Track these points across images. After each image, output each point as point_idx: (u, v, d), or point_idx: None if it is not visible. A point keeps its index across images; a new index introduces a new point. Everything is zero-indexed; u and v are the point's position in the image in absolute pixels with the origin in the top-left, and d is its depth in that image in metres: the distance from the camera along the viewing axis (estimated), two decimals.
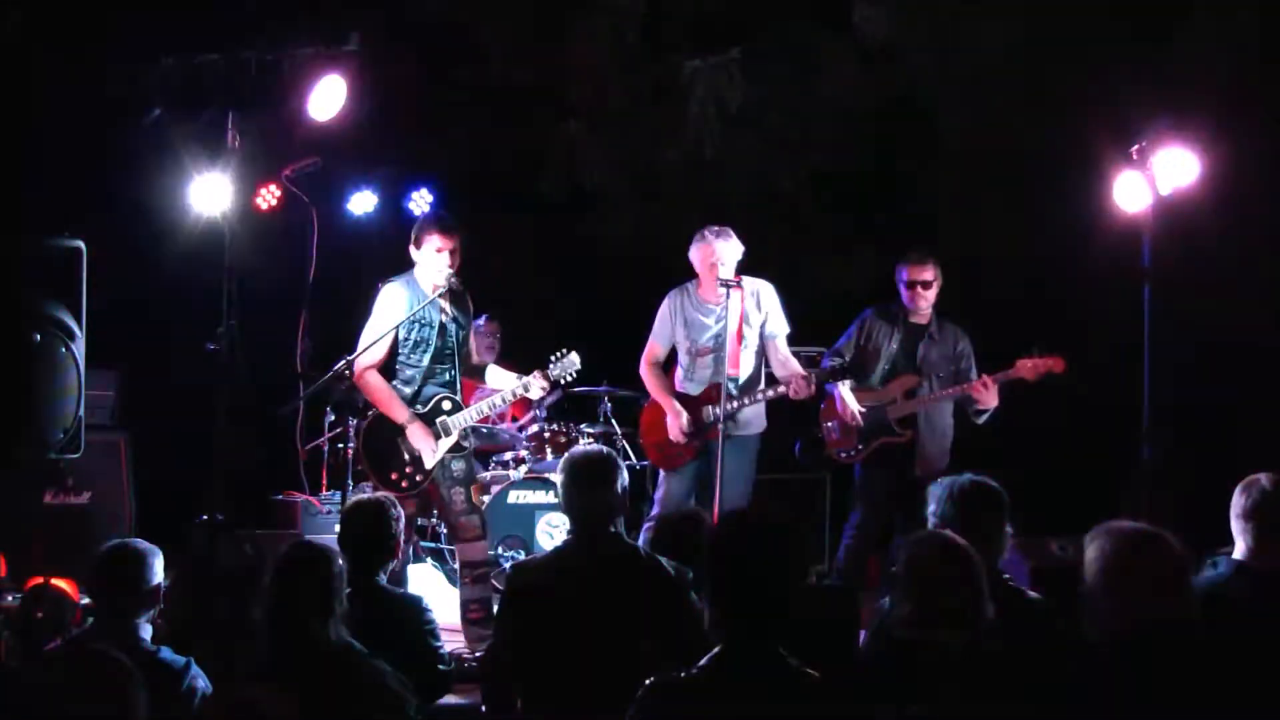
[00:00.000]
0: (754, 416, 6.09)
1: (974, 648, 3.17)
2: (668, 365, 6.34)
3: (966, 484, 3.89)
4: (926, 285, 6.27)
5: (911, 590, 3.23)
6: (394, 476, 5.69)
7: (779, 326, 6.17)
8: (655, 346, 6.25)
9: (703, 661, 2.88)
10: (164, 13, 6.56)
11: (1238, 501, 3.89)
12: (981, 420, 6.24)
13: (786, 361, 6.10)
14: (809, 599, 4.33)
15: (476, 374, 6.07)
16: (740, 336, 6.05)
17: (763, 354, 6.16)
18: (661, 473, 6.25)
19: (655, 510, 6.13)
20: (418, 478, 5.70)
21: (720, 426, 5.76)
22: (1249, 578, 3.80)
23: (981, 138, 7.79)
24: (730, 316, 5.95)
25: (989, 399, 6.12)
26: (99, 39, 6.41)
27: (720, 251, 5.99)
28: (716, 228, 6.08)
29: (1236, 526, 3.89)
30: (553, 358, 5.72)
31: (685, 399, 6.13)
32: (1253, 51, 6.71)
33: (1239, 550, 3.88)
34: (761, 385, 6.09)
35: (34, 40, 6.34)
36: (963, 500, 3.85)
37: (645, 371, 6.25)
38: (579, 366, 5.73)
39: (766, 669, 2.85)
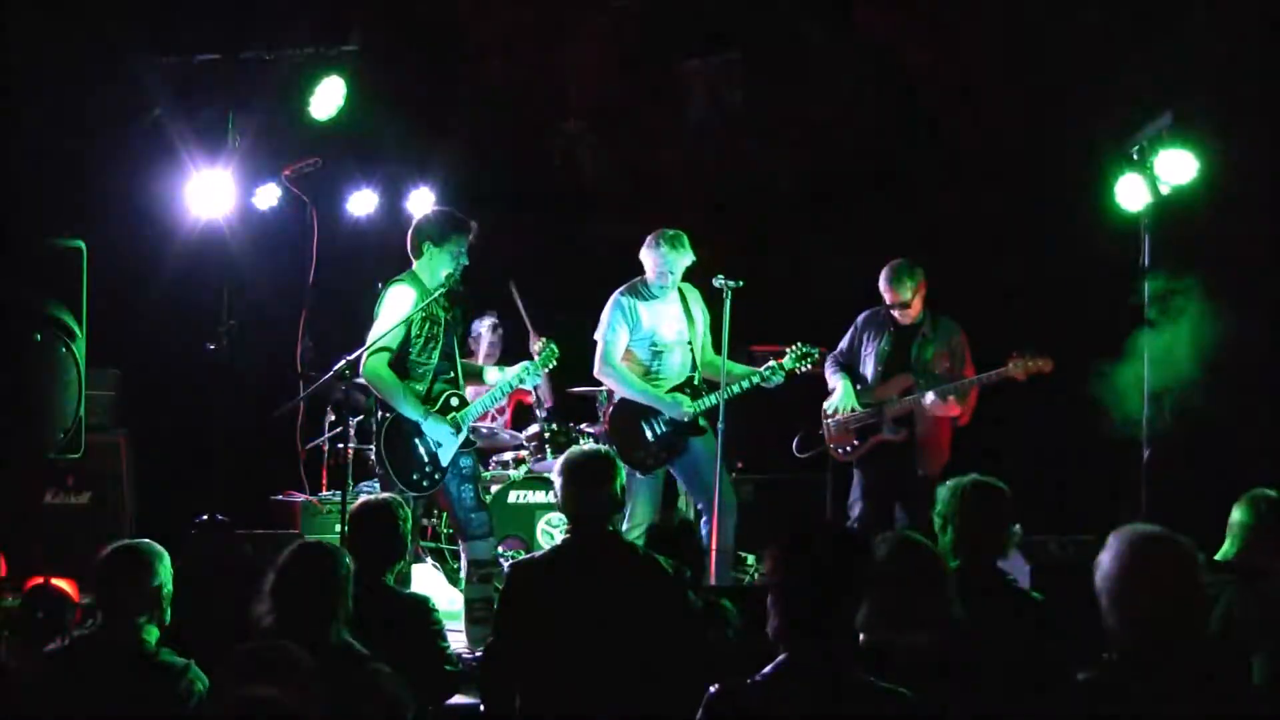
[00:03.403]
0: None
1: (942, 649, 3.15)
2: None
3: (971, 484, 3.90)
4: (905, 306, 6.28)
5: (873, 591, 3.20)
6: (415, 477, 5.66)
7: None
8: (618, 347, 6.15)
9: (768, 669, 2.85)
10: (164, 13, 6.56)
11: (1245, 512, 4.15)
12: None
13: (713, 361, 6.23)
14: None
15: (475, 377, 6.06)
16: (698, 329, 6.18)
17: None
18: (635, 477, 6.04)
19: (630, 520, 6.00)
20: (436, 475, 5.68)
21: (719, 414, 5.83)
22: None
23: (981, 137, 7.78)
24: (691, 309, 6.10)
25: (970, 400, 6.21)
26: (100, 38, 6.40)
27: (669, 262, 6.05)
28: (672, 232, 6.09)
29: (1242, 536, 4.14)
30: (535, 347, 5.92)
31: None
32: (1253, 50, 6.71)
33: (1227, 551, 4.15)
34: (753, 379, 6.10)
35: (35, 40, 6.34)
36: (967, 500, 3.85)
37: (617, 372, 6.14)
38: (557, 354, 5.90)
39: (835, 675, 2.82)
